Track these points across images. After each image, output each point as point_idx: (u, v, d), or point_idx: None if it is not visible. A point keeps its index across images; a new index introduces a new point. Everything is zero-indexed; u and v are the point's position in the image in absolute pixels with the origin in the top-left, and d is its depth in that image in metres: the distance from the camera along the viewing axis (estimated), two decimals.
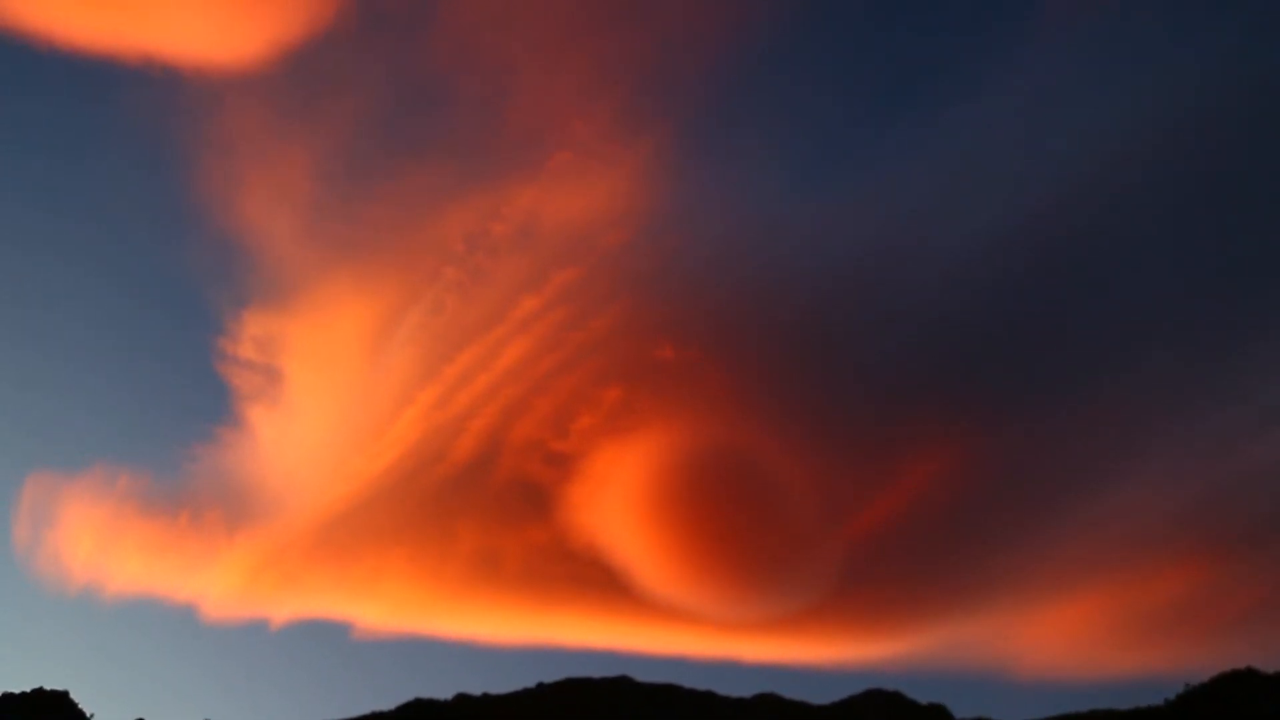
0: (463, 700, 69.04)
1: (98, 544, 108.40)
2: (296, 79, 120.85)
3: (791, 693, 71.18)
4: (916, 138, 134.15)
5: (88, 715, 57.54)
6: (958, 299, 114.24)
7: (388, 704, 67.12)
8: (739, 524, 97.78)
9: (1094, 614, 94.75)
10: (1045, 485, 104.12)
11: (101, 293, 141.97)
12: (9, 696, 56.02)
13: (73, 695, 57.70)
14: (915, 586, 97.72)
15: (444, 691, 69.69)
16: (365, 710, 66.82)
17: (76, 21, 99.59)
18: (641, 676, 72.22)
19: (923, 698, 71.07)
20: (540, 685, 71.31)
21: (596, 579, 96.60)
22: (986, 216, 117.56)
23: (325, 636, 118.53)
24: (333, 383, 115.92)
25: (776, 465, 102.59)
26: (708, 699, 70.56)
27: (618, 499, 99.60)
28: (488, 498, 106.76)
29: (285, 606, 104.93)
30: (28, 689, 56.74)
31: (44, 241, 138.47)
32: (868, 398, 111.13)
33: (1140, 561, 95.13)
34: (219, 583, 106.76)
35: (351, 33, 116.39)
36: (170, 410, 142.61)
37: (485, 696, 69.52)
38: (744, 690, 71.53)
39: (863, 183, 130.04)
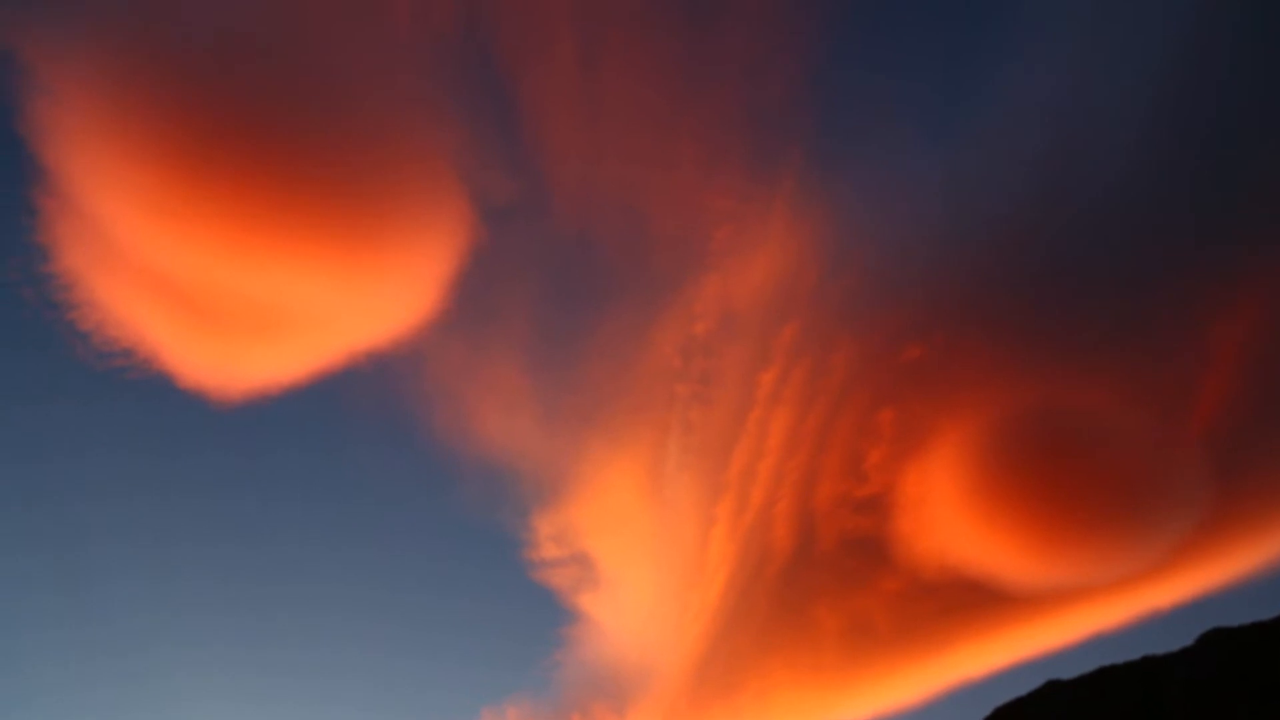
0: None
1: None
2: (470, 305, 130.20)
3: (1228, 619, 64.50)
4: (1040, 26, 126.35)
5: None
6: (1149, 159, 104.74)
7: None
8: (1075, 478, 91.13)
9: None
10: None
11: (415, 564, 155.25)
12: None
13: None
14: None
15: None
16: None
17: (300, 356, 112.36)
18: (1065, 673, 68.00)
19: None
20: None
21: (968, 599, 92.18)
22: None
23: None
24: (635, 539, 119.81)
25: (1077, 402, 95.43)
26: (1149, 664, 65.25)
27: (946, 513, 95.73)
28: (826, 572, 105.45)
29: None
30: None
31: (340, 544, 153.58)
32: (1127, 289, 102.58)
33: None
34: None
35: (491, 243, 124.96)
36: (517, 635, 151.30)
37: None
38: (1180, 639, 65.52)
39: (1008, 96, 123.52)
